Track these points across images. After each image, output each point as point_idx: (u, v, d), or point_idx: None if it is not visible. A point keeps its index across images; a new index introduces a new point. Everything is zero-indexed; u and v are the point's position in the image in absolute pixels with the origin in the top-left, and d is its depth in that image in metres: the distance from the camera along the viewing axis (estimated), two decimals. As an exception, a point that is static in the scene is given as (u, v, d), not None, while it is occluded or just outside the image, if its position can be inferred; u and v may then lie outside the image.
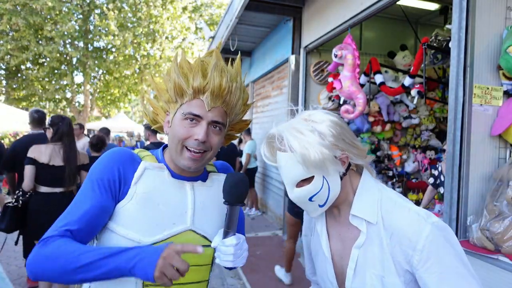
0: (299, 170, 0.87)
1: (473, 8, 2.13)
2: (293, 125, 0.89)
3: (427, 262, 0.82)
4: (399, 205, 0.90)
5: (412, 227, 0.85)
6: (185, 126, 0.98)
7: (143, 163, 1.00)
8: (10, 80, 16.66)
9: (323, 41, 4.35)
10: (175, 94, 1.01)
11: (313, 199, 0.89)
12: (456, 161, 2.17)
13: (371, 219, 0.89)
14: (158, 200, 0.98)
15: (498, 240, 1.92)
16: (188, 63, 1.01)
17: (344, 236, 0.96)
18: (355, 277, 0.91)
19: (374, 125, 4.43)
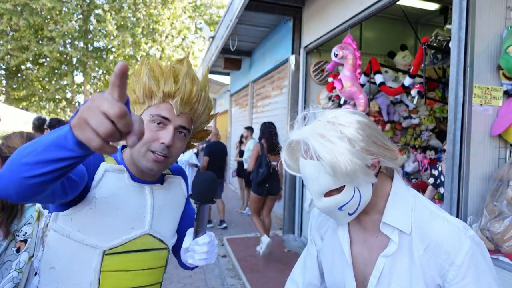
0: (328, 180, 0.80)
1: (473, 8, 2.13)
2: (319, 131, 0.79)
3: (464, 279, 0.79)
4: (435, 215, 0.85)
5: (452, 241, 0.80)
6: (152, 129, 0.97)
7: (103, 165, 0.97)
8: (10, 80, 16.67)
9: (323, 41, 4.35)
10: (144, 95, 0.99)
11: (343, 208, 0.83)
12: (456, 161, 2.17)
13: (404, 229, 0.83)
14: (118, 204, 0.96)
15: (498, 240, 1.92)
16: (159, 67, 1.02)
17: (371, 243, 0.90)
18: (378, 286, 0.87)
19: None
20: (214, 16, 18.67)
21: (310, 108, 0.90)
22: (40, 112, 17.95)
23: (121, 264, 0.96)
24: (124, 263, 0.97)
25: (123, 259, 0.97)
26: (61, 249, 0.92)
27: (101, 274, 0.93)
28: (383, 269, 0.86)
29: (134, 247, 0.98)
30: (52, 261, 0.93)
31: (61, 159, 0.63)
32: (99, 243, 0.92)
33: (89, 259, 0.92)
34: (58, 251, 0.92)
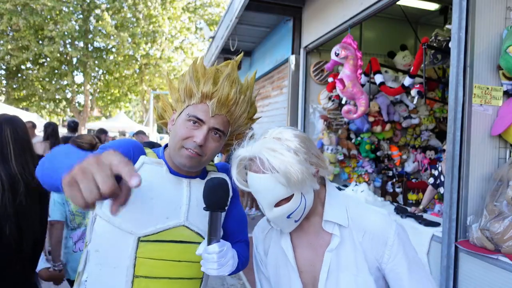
0: (280, 191, 0.87)
1: (473, 8, 2.13)
2: (269, 146, 0.86)
3: (396, 256, 0.92)
4: (364, 207, 1.00)
5: (382, 225, 0.94)
6: (187, 127, 1.01)
7: (142, 158, 1.03)
8: (10, 80, 16.66)
9: (323, 41, 4.35)
10: (185, 94, 1.05)
11: (291, 216, 0.91)
12: (456, 161, 2.17)
13: (343, 223, 0.94)
14: (152, 194, 0.99)
15: (498, 240, 1.92)
16: (203, 69, 1.06)
17: (314, 244, 0.98)
18: (328, 280, 0.94)
19: (374, 125, 4.43)
20: (214, 16, 18.66)
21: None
22: (40, 112, 17.94)
23: (156, 252, 0.98)
24: (159, 252, 0.98)
25: (158, 248, 0.98)
26: (104, 234, 0.97)
27: (136, 260, 0.96)
28: (331, 263, 0.94)
29: (169, 237, 1.00)
30: (97, 244, 0.99)
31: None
32: (134, 229, 0.96)
33: (126, 244, 0.96)
34: (102, 235, 0.98)
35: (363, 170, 4.59)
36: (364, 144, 4.47)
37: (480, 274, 2.04)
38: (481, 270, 2.03)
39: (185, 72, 1.09)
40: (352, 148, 4.56)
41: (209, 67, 1.08)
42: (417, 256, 0.96)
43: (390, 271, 0.93)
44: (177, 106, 1.09)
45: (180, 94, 1.06)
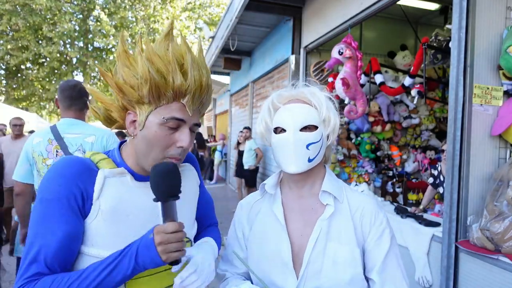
0: (312, 117, 1.01)
1: (473, 8, 2.13)
2: (312, 89, 1.05)
3: (381, 238, 1.00)
4: (358, 192, 1.11)
5: (374, 206, 1.04)
6: (166, 134, 0.87)
7: (101, 173, 0.87)
8: (10, 80, 16.67)
9: (323, 41, 4.35)
10: (149, 95, 0.85)
11: (310, 147, 0.99)
12: (456, 161, 2.17)
13: (338, 197, 1.03)
14: (127, 210, 0.88)
15: (498, 240, 1.92)
16: (159, 57, 0.86)
17: (307, 216, 1.03)
18: (315, 247, 0.98)
19: (374, 125, 4.43)
20: (214, 16, 18.67)
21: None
22: (40, 112, 17.95)
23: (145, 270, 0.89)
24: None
25: None
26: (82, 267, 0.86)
27: (126, 284, 0.89)
28: (320, 232, 0.99)
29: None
30: None
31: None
32: None
33: None
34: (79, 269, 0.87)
35: (363, 170, 4.59)
36: (364, 144, 4.47)
37: (480, 274, 2.04)
38: (481, 270, 2.03)
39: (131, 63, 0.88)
40: (352, 148, 4.56)
41: (161, 52, 0.88)
42: (398, 250, 1.04)
43: (369, 251, 0.99)
44: (136, 108, 0.89)
45: (141, 94, 0.86)
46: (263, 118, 1.08)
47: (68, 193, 0.83)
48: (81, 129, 2.06)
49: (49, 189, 0.84)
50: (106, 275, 0.79)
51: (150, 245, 0.79)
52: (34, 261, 0.80)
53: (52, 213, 0.82)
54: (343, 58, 3.41)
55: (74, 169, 0.85)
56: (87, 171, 0.87)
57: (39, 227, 0.82)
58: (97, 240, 0.86)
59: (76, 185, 0.84)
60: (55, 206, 0.82)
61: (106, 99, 0.95)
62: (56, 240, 0.81)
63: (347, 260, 0.96)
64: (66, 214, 0.82)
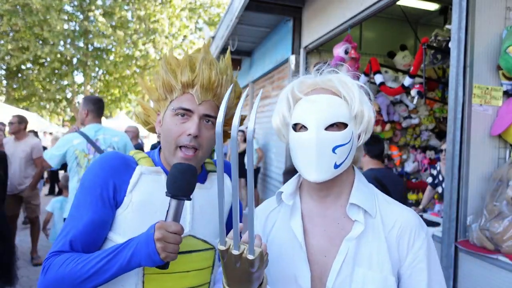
0: (341, 112, 0.82)
1: (473, 8, 2.13)
2: (343, 78, 0.87)
3: (420, 263, 0.82)
4: (394, 201, 0.91)
5: (415, 223, 0.85)
6: (176, 123, 0.95)
7: (138, 168, 0.96)
8: (11, 80, 16.68)
9: (323, 41, 4.35)
10: (164, 91, 0.98)
11: (337, 151, 0.81)
12: (456, 161, 2.17)
13: (370, 210, 0.84)
14: (155, 207, 0.94)
15: (498, 240, 1.92)
16: (175, 59, 0.99)
17: (332, 233, 0.87)
18: (341, 273, 0.82)
19: (374, 125, 4.41)
20: (213, 17, 18.67)
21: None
22: (40, 112, 17.95)
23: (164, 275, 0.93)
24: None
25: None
26: None
27: (145, 277, 0.92)
28: (347, 254, 0.82)
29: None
30: None
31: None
32: None
33: None
34: None
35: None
36: (364, 144, 4.47)
37: (480, 274, 2.04)
38: (481, 270, 2.03)
39: (157, 69, 1.03)
40: (352, 148, 4.57)
41: (181, 57, 1.01)
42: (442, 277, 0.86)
43: (406, 280, 0.82)
44: (159, 106, 1.03)
45: (159, 92, 1.00)
46: (280, 110, 0.90)
47: (102, 183, 0.91)
48: (108, 131, 2.86)
49: (88, 178, 0.94)
50: (104, 263, 0.83)
51: (149, 239, 0.80)
52: (63, 239, 0.89)
53: (85, 199, 0.92)
54: (348, 57, 3.43)
55: (113, 163, 0.95)
56: (125, 166, 0.95)
57: (74, 210, 0.93)
58: (124, 229, 0.92)
59: (112, 177, 0.92)
60: (88, 194, 0.91)
61: (145, 105, 1.09)
62: (82, 224, 0.89)
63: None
64: (96, 203, 0.90)
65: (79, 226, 0.90)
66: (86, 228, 0.89)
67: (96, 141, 2.75)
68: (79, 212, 0.91)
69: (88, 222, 0.89)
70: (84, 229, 0.89)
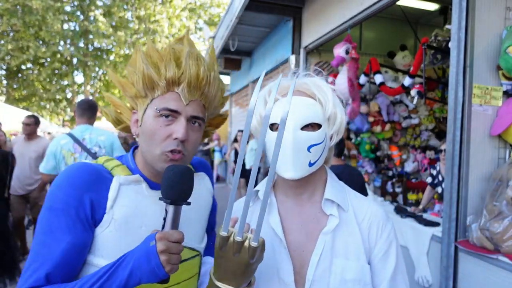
0: (315, 113, 0.87)
1: (473, 8, 2.13)
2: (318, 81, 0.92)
3: (387, 252, 0.89)
4: (362, 196, 0.98)
5: (382, 216, 0.93)
6: (161, 125, 0.84)
7: (116, 180, 0.84)
8: (11, 80, 16.69)
9: (323, 41, 4.35)
10: (144, 87, 0.86)
11: (312, 150, 0.86)
12: (456, 161, 2.17)
13: (343, 205, 0.91)
14: (140, 221, 0.84)
15: (498, 240, 1.92)
16: (157, 52, 0.87)
17: (308, 228, 0.91)
18: (319, 264, 0.86)
19: (374, 125, 4.43)
20: (214, 16, 18.68)
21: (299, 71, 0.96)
22: (40, 112, 17.95)
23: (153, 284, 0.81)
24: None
25: None
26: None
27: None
28: (324, 247, 0.87)
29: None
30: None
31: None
32: None
33: None
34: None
35: (363, 170, 4.60)
36: (364, 144, 4.47)
37: (480, 274, 2.04)
38: (481, 270, 2.03)
39: (134, 61, 0.89)
40: (352, 148, 4.57)
41: (162, 49, 0.89)
42: (404, 265, 0.93)
43: (375, 266, 0.89)
44: (136, 104, 0.90)
45: (137, 88, 0.87)
46: (258, 111, 0.94)
47: (77, 203, 0.79)
48: (95, 131, 2.86)
49: (58, 198, 0.80)
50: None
51: (150, 253, 0.72)
52: (35, 273, 0.76)
53: (59, 223, 0.78)
54: (349, 57, 3.43)
55: (85, 178, 0.81)
56: (99, 179, 0.83)
57: (45, 236, 0.79)
58: (106, 250, 0.81)
59: (87, 194, 0.80)
60: (62, 216, 0.78)
61: (117, 101, 0.97)
62: (59, 252, 0.77)
63: (357, 278, 0.85)
64: (73, 225, 0.78)
65: (56, 255, 0.76)
66: (65, 256, 0.77)
67: (83, 141, 2.76)
68: (53, 238, 0.77)
69: (67, 248, 0.77)
70: (63, 257, 0.77)
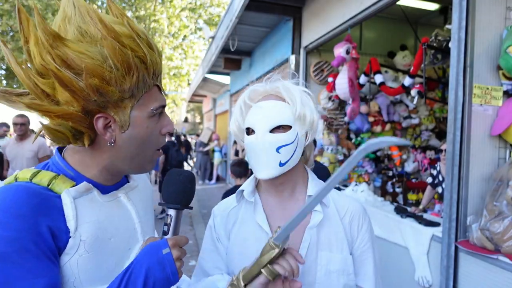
0: (285, 116, 0.92)
1: (473, 8, 2.13)
2: (288, 84, 0.97)
3: (366, 244, 0.97)
4: (342, 193, 1.05)
5: (361, 210, 0.99)
6: (155, 125, 0.76)
7: (67, 196, 0.68)
8: (10, 80, 16.68)
9: (323, 41, 4.35)
10: (135, 87, 0.70)
11: (281, 150, 0.90)
12: (456, 161, 2.17)
13: (325, 201, 0.97)
14: (108, 233, 0.73)
15: (498, 240, 1.92)
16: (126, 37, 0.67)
17: None
18: (306, 258, 0.92)
19: (374, 125, 4.43)
20: (214, 16, 18.68)
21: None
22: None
23: None
24: None
25: None
26: None
27: None
28: (311, 241, 0.93)
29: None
30: None
31: None
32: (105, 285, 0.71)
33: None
34: None
35: (363, 170, 4.59)
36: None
37: (480, 274, 2.04)
38: (481, 270, 2.03)
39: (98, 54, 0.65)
40: (352, 148, 4.56)
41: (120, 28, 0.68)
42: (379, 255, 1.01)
43: (356, 258, 0.96)
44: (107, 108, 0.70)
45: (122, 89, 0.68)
46: (235, 117, 1.00)
47: (33, 236, 0.62)
48: None
49: (3, 240, 0.60)
50: None
51: (166, 261, 0.68)
52: None
53: (19, 271, 0.60)
54: (349, 57, 3.43)
55: (30, 202, 0.63)
56: (46, 200, 0.66)
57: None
58: (80, 278, 0.69)
59: (41, 221, 0.63)
60: (21, 260, 0.60)
61: (58, 110, 0.67)
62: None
63: (341, 269, 0.92)
64: (40, 265, 0.62)
65: None
66: None
67: None
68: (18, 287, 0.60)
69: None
70: None
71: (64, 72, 0.63)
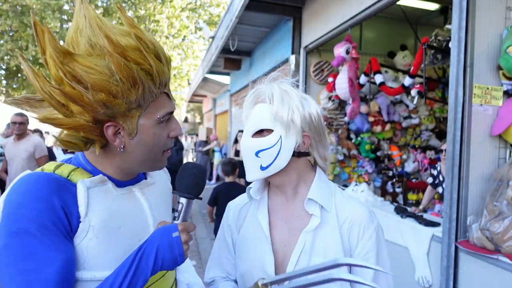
0: (265, 119, 0.91)
1: (473, 8, 2.13)
2: (283, 86, 0.95)
3: (368, 253, 0.91)
4: (351, 198, 0.99)
5: (365, 217, 0.93)
6: (162, 131, 0.81)
7: (81, 185, 0.75)
8: (10, 80, 16.68)
9: (323, 41, 4.35)
10: (141, 98, 0.75)
11: (260, 154, 0.91)
12: (456, 161, 2.17)
13: (326, 206, 0.93)
14: (118, 222, 0.79)
15: (498, 240, 1.92)
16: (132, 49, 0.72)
17: (292, 224, 0.96)
18: (299, 261, 0.91)
19: (374, 125, 4.43)
20: (214, 16, 18.67)
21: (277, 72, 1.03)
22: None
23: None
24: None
25: None
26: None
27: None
28: (305, 245, 0.91)
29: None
30: None
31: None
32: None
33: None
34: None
35: (363, 170, 4.59)
36: (364, 144, 4.47)
37: (480, 274, 2.04)
38: (481, 270, 2.03)
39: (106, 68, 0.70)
40: (352, 148, 4.56)
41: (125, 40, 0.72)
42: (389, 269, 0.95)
43: (354, 268, 0.91)
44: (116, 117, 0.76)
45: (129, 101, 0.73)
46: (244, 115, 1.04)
47: (52, 216, 0.69)
48: None
49: (25, 217, 0.68)
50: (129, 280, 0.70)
51: (175, 243, 0.74)
52: None
53: (40, 244, 0.67)
54: (349, 57, 3.43)
55: (51, 187, 0.71)
56: (63, 186, 0.74)
57: (25, 263, 0.66)
58: (89, 261, 0.74)
59: (58, 204, 0.71)
60: (41, 236, 0.68)
61: (70, 123, 0.74)
62: (54, 273, 0.67)
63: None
64: (58, 241, 0.69)
65: (50, 279, 0.66)
66: (61, 277, 0.68)
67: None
68: (39, 262, 0.66)
69: (61, 267, 0.68)
70: (59, 279, 0.67)
71: (74, 86, 0.70)
